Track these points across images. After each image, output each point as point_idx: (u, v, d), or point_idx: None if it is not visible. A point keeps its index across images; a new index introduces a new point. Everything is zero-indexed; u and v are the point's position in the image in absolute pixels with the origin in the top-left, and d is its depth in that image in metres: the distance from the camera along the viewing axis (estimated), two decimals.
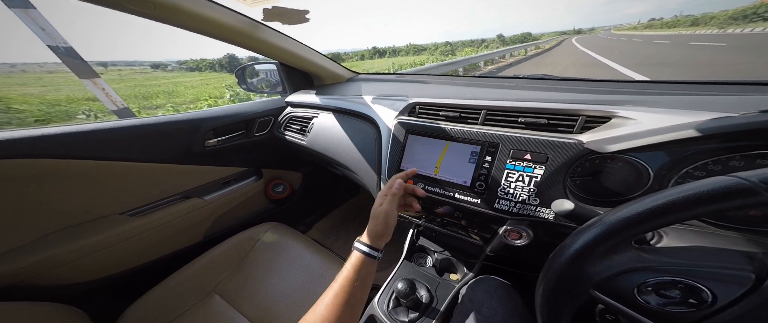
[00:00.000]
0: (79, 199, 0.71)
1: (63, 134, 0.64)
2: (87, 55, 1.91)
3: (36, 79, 28.69)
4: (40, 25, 2.10)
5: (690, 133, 0.37)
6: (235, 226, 1.05)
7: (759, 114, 0.35)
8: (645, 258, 0.26)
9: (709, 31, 33.91)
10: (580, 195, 0.48)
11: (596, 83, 0.71)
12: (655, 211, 0.23)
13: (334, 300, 0.41)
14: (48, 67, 79.73)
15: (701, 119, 0.38)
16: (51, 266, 0.66)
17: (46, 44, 2.15)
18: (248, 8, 0.71)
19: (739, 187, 0.20)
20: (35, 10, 2.04)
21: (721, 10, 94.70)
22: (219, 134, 0.94)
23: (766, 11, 73.90)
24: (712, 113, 0.38)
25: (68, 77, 26.79)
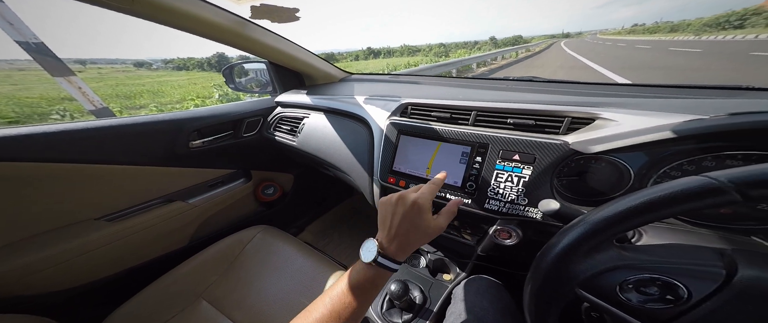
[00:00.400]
0: (51, 204, 0.67)
1: (32, 134, 0.60)
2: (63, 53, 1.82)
3: (5, 77, 27.06)
4: (8, 19, 1.98)
5: (666, 134, 0.39)
6: (224, 229, 1.03)
7: (727, 117, 0.37)
8: (625, 257, 0.27)
9: (686, 38, 35.94)
10: (566, 195, 0.49)
11: (582, 86, 0.73)
12: (633, 210, 0.24)
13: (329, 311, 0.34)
14: (18, 64, 75.33)
15: (676, 121, 0.39)
16: (24, 274, 0.62)
17: (14, 40, 2.02)
18: (235, 5, 0.69)
19: (708, 186, 0.21)
20: (3, 3, 1.92)
21: (697, 18, 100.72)
22: (204, 135, 0.91)
23: (736, 20, 79.13)
24: (687, 116, 0.40)
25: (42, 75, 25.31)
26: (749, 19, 74.76)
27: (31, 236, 0.65)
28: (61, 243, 0.67)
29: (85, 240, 0.70)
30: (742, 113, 0.36)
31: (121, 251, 0.78)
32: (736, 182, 0.20)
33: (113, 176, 0.74)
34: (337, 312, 0.34)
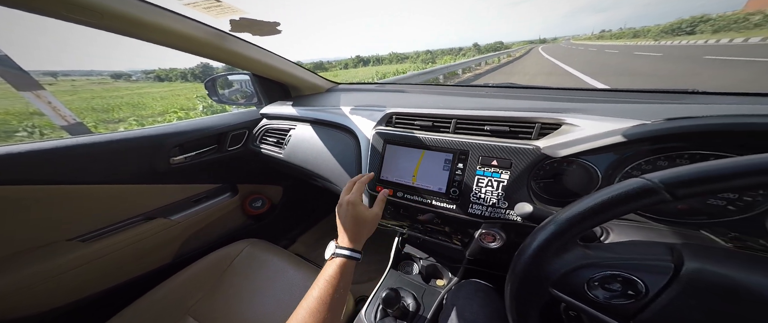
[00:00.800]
0: (21, 227, 0.63)
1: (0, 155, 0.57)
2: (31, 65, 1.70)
3: None
4: None
5: (617, 138, 0.43)
6: (210, 245, 0.99)
7: (664, 122, 0.41)
8: (589, 255, 0.29)
9: (648, 43, 38.92)
10: (543, 197, 0.52)
11: (554, 91, 0.78)
12: (588, 211, 0.26)
13: (317, 305, 0.40)
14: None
15: (626, 126, 0.43)
16: None
17: None
18: (213, 19, 0.68)
19: (644, 187, 0.24)
20: None
21: (655, 24, 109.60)
22: (186, 150, 0.89)
23: (687, 26, 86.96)
24: (634, 121, 0.44)
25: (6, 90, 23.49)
26: (698, 25, 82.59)
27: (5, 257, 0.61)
28: (34, 265, 0.64)
29: (58, 263, 0.67)
30: (676, 118, 0.41)
31: (101, 270, 0.75)
32: (665, 182, 0.23)
33: (87, 195, 0.71)
34: (312, 308, 0.40)
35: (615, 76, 7.35)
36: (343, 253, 0.46)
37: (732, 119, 0.38)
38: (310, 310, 0.40)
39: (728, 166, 0.21)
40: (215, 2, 0.62)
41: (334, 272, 0.44)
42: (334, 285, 0.42)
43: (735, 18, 70.90)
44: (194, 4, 0.62)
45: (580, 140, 0.46)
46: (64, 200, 0.68)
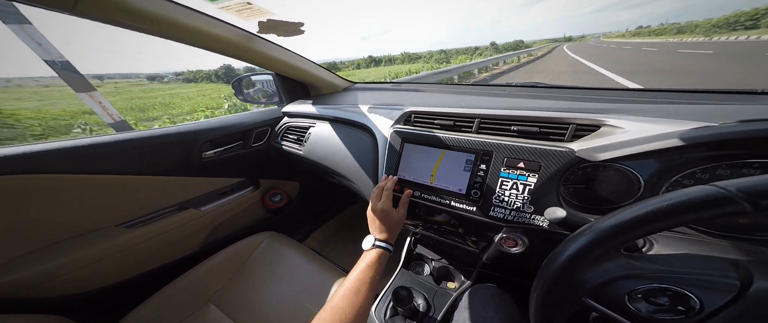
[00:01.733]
0: (76, 212, 0.70)
1: (61, 149, 0.65)
2: (83, 69, 1.93)
3: (32, 94, 28.73)
4: (36, 40, 2.11)
5: (674, 142, 0.38)
6: (232, 236, 1.04)
7: (738, 124, 0.36)
8: (634, 266, 0.27)
9: (695, 39, 35.17)
10: (573, 203, 0.48)
11: (587, 91, 0.73)
12: (640, 219, 0.24)
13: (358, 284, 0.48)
14: (43, 81, 79.83)
15: (685, 129, 0.39)
16: (48, 278, 0.66)
17: (42, 59, 2.16)
18: (244, 21, 0.72)
19: (718, 196, 0.21)
20: (31, 25, 2.06)
21: (705, 19, 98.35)
22: (216, 146, 0.94)
23: (747, 20, 77.07)
24: (696, 123, 0.39)
25: (64, 91, 26.78)
26: (762, 19, 72.63)
27: (56, 242, 0.68)
28: (83, 248, 0.71)
29: (104, 246, 0.74)
30: (753, 121, 0.35)
31: (138, 256, 0.81)
32: (746, 191, 0.20)
33: (132, 185, 0.78)
34: (353, 287, 0.48)
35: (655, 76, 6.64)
36: (382, 245, 0.55)
37: None
38: (352, 288, 0.47)
39: None
40: (246, 4, 0.65)
41: (374, 260, 0.52)
42: (375, 270, 0.51)
43: None
44: (227, 8, 0.66)
45: (625, 143, 0.42)
46: (114, 189, 0.75)
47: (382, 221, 0.57)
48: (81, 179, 0.68)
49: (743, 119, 0.36)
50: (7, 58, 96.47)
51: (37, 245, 0.66)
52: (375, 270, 0.51)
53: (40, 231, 0.66)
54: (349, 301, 0.45)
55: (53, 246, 0.68)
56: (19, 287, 0.62)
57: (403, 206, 0.61)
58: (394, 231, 0.58)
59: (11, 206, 0.61)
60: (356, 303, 0.45)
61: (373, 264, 0.51)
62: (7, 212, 0.61)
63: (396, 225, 0.58)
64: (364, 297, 0.47)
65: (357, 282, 0.48)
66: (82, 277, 0.72)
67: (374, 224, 0.58)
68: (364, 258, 0.53)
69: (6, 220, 0.61)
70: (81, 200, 0.70)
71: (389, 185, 0.62)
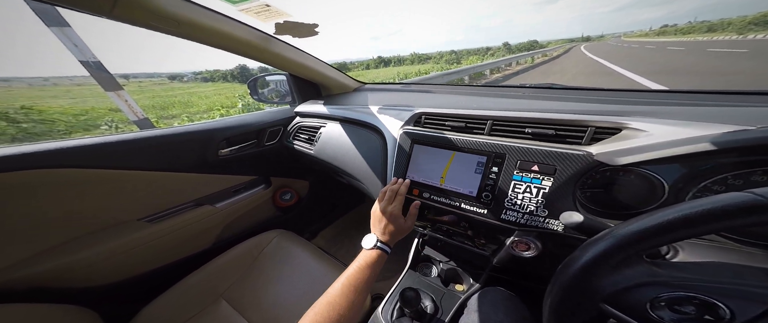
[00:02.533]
0: (101, 205, 0.74)
1: (89, 145, 0.69)
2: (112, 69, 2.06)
3: (65, 92, 30.85)
4: (74, 41, 2.27)
5: (705, 146, 0.36)
6: (244, 233, 1.08)
7: None
8: (658, 273, 0.25)
9: (727, 38, 32.81)
10: (590, 207, 0.47)
11: (605, 93, 0.70)
12: (667, 226, 0.23)
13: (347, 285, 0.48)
14: (77, 80, 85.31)
15: (717, 132, 0.36)
16: (70, 269, 0.69)
17: (78, 60, 2.32)
18: (262, 23, 0.75)
19: (755, 204, 0.20)
20: (70, 27, 2.22)
21: (739, 16, 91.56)
22: (232, 144, 0.97)
23: None
24: (728, 126, 0.37)
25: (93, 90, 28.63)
26: None
27: (80, 235, 0.72)
28: (106, 241, 0.74)
29: (127, 239, 0.77)
30: None
31: (156, 250, 0.85)
32: None
33: (154, 181, 0.82)
34: (353, 285, 0.48)
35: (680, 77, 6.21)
36: (384, 248, 0.55)
37: None
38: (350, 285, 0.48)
39: None
40: (265, 6, 0.68)
41: (373, 259, 0.52)
42: (372, 269, 0.51)
43: None
44: (247, 10, 0.68)
45: (649, 148, 0.40)
46: (137, 184, 0.79)
47: (388, 224, 0.57)
48: (107, 173, 0.72)
49: None
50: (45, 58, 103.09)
51: (64, 237, 0.70)
52: (373, 270, 0.51)
53: (67, 224, 0.70)
54: (346, 298, 0.45)
55: (77, 239, 0.72)
56: (43, 278, 0.66)
57: (411, 217, 0.60)
58: (396, 237, 0.58)
59: (39, 199, 0.64)
60: (353, 300, 0.45)
61: (372, 263, 0.51)
62: (35, 205, 0.64)
63: (400, 233, 0.58)
64: (361, 296, 0.47)
65: (356, 279, 0.48)
66: (103, 269, 0.75)
67: (379, 224, 0.58)
68: (363, 256, 0.53)
69: (35, 213, 0.65)
70: (106, 194, 0.74)
71: (402, 189, 0.61)
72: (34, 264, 0.65)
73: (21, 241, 0.64)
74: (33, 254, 0.65)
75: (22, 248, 0.64)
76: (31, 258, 0.65)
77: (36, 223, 0.65)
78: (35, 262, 0.65)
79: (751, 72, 6.47)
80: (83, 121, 4.67)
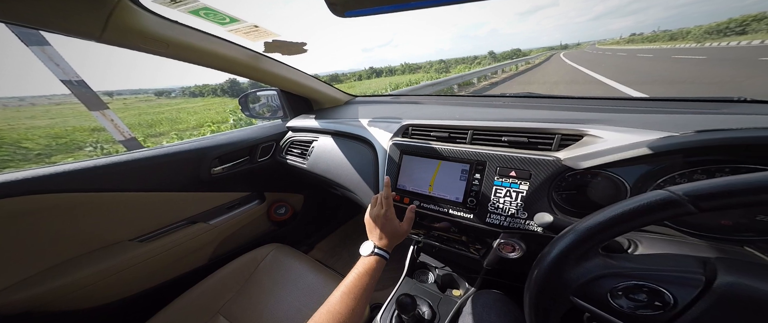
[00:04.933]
0: (93, 229, 0.74)
1: (78, 170, 0.69)
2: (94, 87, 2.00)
3: (44, 112, 29.61)
4: (55, 61, 2.23)
5: (643, 151, 0.41)
6: (239, 248, 1.07)
7: (695, 134, 0.39)
8: (612, 265, 0.29)
9: (688, 45, 35.79)
10: (566, 208, 0.51)
11: (575, 101, 0.77)
12: (606, 223, 0.26)
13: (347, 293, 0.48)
14: (56, 99, 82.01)
15: (651, 138, 0.42)
16: (64, 292, 0.68)
17: (59, 79, 2.27)
18: (251, 42, 0.78)
19: (668, 199, 0.24)
20: (51, 46, 2.19)
21: (696, 26, 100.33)
22: (224, 162, 0.98)
23: (737, 26, 78.33)
24: (662, 133, 0.42)
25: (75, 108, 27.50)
26: (750, 25, 74.03)
27: (73, 257, 0.71)
28: (99, 263, 0.73)
29: (120, 260, 0.76)
30: (707, 131, 0.39)
31: (150, 269, 0.84)
32: (690, 195, 0.23)
33: (146, 201, 0.82)
34: (351, 292, 0.48)
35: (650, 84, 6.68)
36: (381, 253, 0.55)
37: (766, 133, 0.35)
38: (350, 293, 0.48)
39: (756, 180, 0.21)
40: (253, 27, 0.72)
41: (371, 266, 0.52)
42: (371, 276, 0.51)
43: None
44: (237, 31, 0.72)
45: (604, 152, 0.45)
46: (129, 205, 0.79)
47: (383, 229, 0.56)
48: (97, 196, 0.72)
49: (700, 129, 0.40)
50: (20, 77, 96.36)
51: (55, 261, 0.69)
52: (372, 276, 0.51)
53: (59, 248, 0.69)
54: (346, 306, 0.45)
55: (70, 261, 0.71)
56: (37, 301, 0.64)
57: (407, 221, 0.60)
58: (394, 241, 0.57)
59: (32, 224, 0.64)
60: (354, 308, 0.45)
61: (371, 270, 0.51)
62: (28, 230, 0.64)
63: (396, 237, 0.57)
64: (361, 303, 0.47)
65: (355, 287, 0.48)
66: (98, 291, 0.74)
67: (375, 231, 0.58)
68: (362, 263, 0.53)
69: (27, 238, 0.64)
70: (97, 216, 0.73)
71: (385, 192, 0.61)
72: (24, 289, 0.63)
73: (9, 267, 0.63)
74: (22, 279, 0.64)
75: (11, 274, 0.63)
76: (20, 283, 0.63)
77: (25, 249, 0.64)
78: (25, 287, 0.63)
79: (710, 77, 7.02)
80: (64, 144, 4.49)
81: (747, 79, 6.10)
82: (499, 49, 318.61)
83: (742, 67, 8.18)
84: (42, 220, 0.65)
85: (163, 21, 0.58)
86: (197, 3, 0.55)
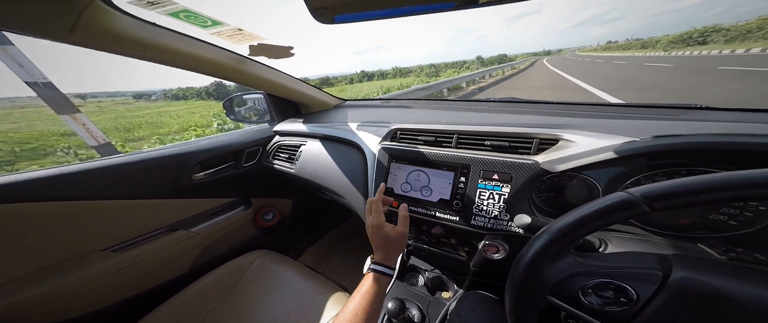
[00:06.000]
0: (61, 239, 0.69)
1: (45, 177, 0.65)
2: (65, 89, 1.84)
3: (5, 116, 27.37)
4: (19, 61, 2.08)
5: (609, 155, 0.44)
6: (224, 255, 1.03)
7: (652, 139, 0.43)
8: (582, 263, 0.31)
9: (657, 53, 38.61)
10: (545, 210, 0.53)
11: (554, 106, 0.81)
12: (576, 222, 0.28)
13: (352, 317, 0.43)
14: (20, 102, 76.23)
15: (618, 143, 0.45)
16: (30, 305, 0.64)
17: (24, 81, 2.12)
18: (235, 46, 0.76)
19: (626, 200, 0.26)
20: (13, 46, 2.04)
21: (664, 35, 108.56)
22: (206, 167, 0.95)
23: (699, 36, 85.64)
24: (626, 137, 0.45)
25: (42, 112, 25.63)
26: (711, 35, 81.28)
27: (40, 269, 0.67)
28: (67, 274, 0.69)
29: (90, 271, 0.72)
30: (663, 136, 0.42)
31: (128, 279, 0.80)
32: (645, 196, 0.25)
33: (119, 209, 0.78)
34: (354, 311, 0.44)
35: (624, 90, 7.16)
36: (377, 269, 0.49)
37: (716, 138, 0.39)
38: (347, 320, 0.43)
39: (701, 181, 0.24)
40: (237, 31, 0.70)
41: (369, 286, 0.47)
42: (368, 299, 0.45)
43: (748, 27, 69.10)
44: (219, 33, 0.70)
45: (576, 156, 0.48)
46: (102, 214, 0.74)
47: (380, 241, 0.51)
48: (66, 205, 0.68)
49: (657, 135, 0.43)
50: None
51: (19, 273, 0.64)
52: (371, 297, 0.45)
53: (24, 259, 0.65)
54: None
55: (37, 272, 0.66)
56: (6, 315, 0.60)
57: (403, 221, 0.54)
58: (392, 251, 0.51)
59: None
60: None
61: (368, 291, 0.46)
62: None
63: (393, 243, 0.51)
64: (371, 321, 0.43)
65: (352, 314, 0.43)
66: (68, 303, 0.70)
67: (373, 242, 0.53)
68: (363, 283, 0.48)
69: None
70: (64, 226, 0.69)
71: (376, 196, 0.57)
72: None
73: None
74: None
75: None
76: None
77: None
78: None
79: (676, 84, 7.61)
80: (31, 150, 4.17)
81: (705, 86, 6.68)
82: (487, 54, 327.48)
83: (702, 75, 8.94)
84: (5, 231, 0.61)
85: (138, 22, 0.55)
86: (176, 5, 0.54)
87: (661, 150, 0.41)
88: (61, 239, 0.69)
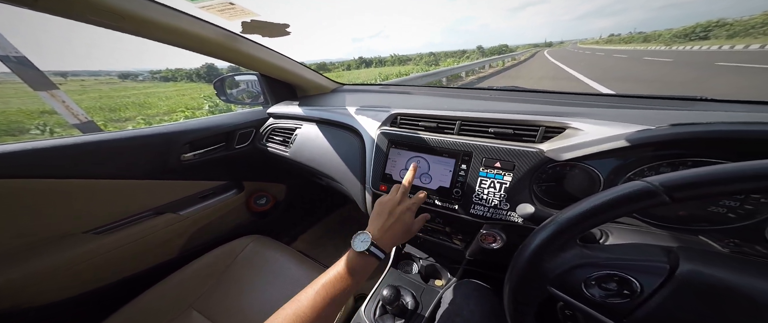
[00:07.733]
0: (40, 219, 0.66)
1: (19, 151, 0.60)
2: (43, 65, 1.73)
3: None
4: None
5: (621, 143, 0.43)
6: (215, 240, 1.01)
7: (669, 127, 0.41)
8: (588, 255, 0.30)
9: (658, 48, 38.45)
10: (545, 200, 0.52)
11: (558, 96, 0.79)
12: (589, 211, 0.27)
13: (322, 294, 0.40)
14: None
15: (629, 131, 0.43)
16: (13, 288, 0.61)
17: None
18: (227, 22, 0.71)
19: (644, 190, 0.24)
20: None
21: (666, 29, 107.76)
22: (196, 148, 0.91)
23: (702, 31, 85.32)
24: (640, 126, 0.44)
25: (19, 89, 24.37)
26: (713, 30, 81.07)
27: (16, 251, 0.63)
28: (48, 257, 0.66)
29: (72, 254, 0.69)
30: (681, 124, 0.41)
31: (112, 262, 0.77)
32: (665, 185, 0.24)
33: (103, 189, 0.74)
34: (329, 295, 0.39)
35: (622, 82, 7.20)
36: (376, 252, 0.43)
37: (735, 127, 0.38)
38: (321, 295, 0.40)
39: (724, 171, 0.22)
40: (228, 4, 0.64)
41: (359, 265, 0.42)
42: (358, 277, 0.42)
43: (752, 23, 68.79)
44: (208, 7, 0.64)
45: (585, 144, 0.46)
46: (82, 194, 0.70)
47: (396, 222, 0.46)
48: (43, 183, 0.63)
49: (674, 123, 0.42)
50: None
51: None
52: (355, 279, 0.41)
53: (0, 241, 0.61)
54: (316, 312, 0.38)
55: (5, 254, 0.63)
56: None
57: (419, 222, 0.51)
58: (399, 239, 0.47)
59: None
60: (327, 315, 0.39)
61: (357, 270, 0.42)
62: None
63: (404, 235, 0.48)
64: (337, 307, 0.40)
65: (333, 289, 0.40)
66: (52, 286, 0.68)
67: (386, 219, 0.47)
68: (348, 260, 0.43)
69: None
70: (46, 206, 0.65)
71: (422, 195, 0.53)
72: None
73: None
74: None
75: None
76: None
77: None
78: None
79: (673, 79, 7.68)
80: None
81: (703, 82, 6.76)
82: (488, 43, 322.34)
83: (699, 70, 9.03)
84: None
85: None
86: None
87: (679, 139, 0.40)
88: (36, 219, 0.65)
